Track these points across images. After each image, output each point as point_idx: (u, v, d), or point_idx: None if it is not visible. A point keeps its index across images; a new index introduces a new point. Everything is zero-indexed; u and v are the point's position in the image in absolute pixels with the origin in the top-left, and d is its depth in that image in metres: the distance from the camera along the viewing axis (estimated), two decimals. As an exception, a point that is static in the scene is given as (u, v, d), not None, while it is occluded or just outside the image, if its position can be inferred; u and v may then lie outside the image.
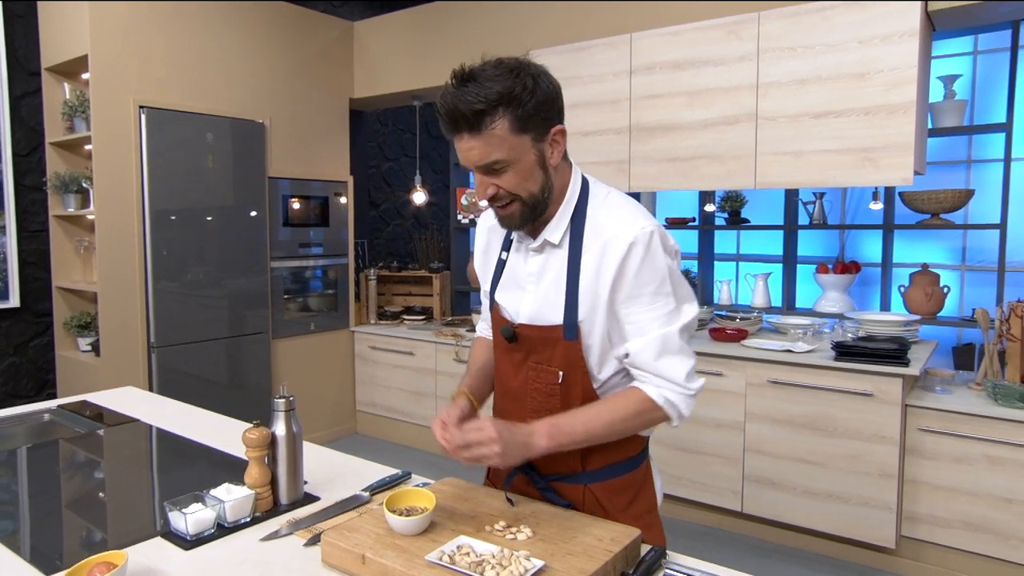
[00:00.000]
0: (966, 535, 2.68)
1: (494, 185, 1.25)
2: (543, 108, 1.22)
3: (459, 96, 1.17)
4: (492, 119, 1.17)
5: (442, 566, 1.09)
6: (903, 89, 2.65)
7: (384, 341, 4.51)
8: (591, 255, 1.29)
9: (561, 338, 1.31)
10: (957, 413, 2.65)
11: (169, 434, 1.96)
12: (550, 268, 1.33)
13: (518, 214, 1.27)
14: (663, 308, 1.27)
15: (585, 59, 3.47)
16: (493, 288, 1.45)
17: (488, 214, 1.51)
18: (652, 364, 1.27)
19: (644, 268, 1.25)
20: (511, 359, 1.41)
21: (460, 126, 1.19)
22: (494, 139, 1.19)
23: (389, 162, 5.82)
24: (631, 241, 1.25)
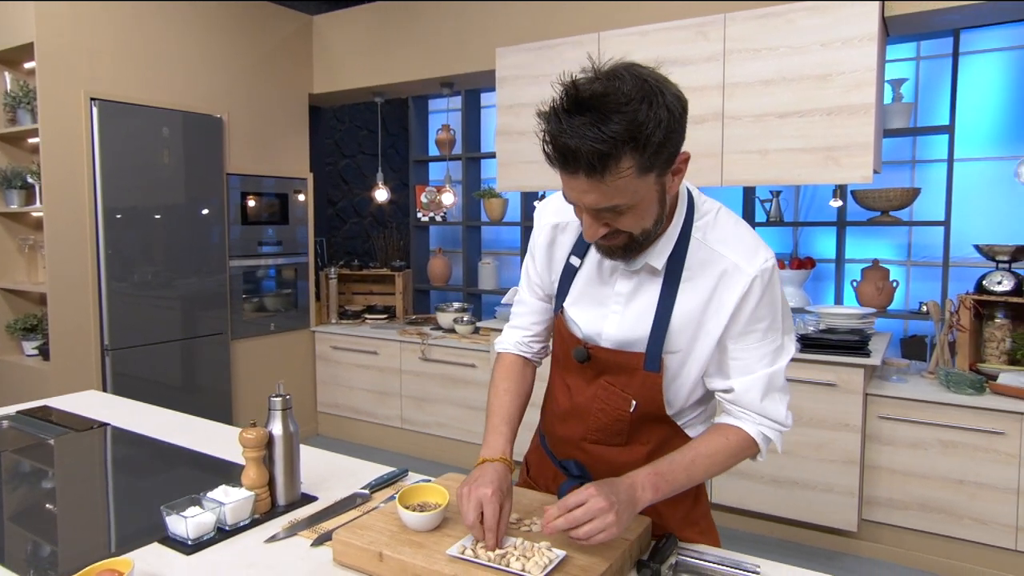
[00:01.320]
0: (921, 516, 2.81)
1: (605, 225, 1.08)
2: (672, 139, 1.01)
3: (576, 132, 0.95)
4: (618, 164, 0.97)
5: (464, 559, 1.09)
6: (863, 91, 2.76)
7: (346, 341, 4.44)
8: (699, 285, 1.17)
9: (640, 368, 1.21)
10: (913, 400, 2.78)
11: (144, 438, 1.89)
12: (643, 292, 1.20)
13: (622, 247, 1.13)
14: (771, 345, 1.20)
15: (553, 57, 3.49)
16: (562, 295, 1.30)
17: (552, 206, 1.32)
18: (758, 404, 1.20)
19: (762, 305, 1.16)
20: (581, 375, 1.29)
21: (577, 168, 0.98)
22: (618, 188, 1.00)
23: (346, 159, 5.73)
24: (754, 276, 1.14)
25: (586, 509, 1.03)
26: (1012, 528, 2.67)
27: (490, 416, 1.34)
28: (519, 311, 1.42)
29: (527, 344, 1.41)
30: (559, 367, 1.36)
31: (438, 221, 5.26)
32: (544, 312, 1.40)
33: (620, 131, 0.94)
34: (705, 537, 1.34)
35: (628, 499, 1.08)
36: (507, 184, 3.78)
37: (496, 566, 1.06)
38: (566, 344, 1.30)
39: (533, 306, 1.39)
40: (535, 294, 1.38)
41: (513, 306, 1.44)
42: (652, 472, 1.13)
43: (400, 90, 4.53)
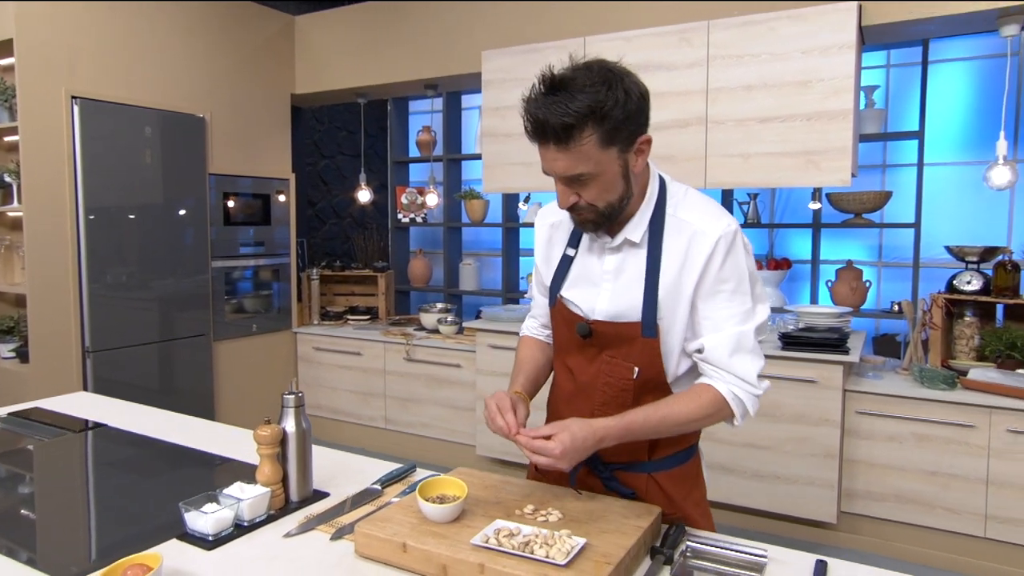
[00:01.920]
0: (897, 507, 2.91)
1: (575, 195, 1.24)
2: (632, 120, 1.19)
3: (548, 106, 1.14)
4: (581, 133, 1.14)
5: (489, 548, 1.12)
6: (841, 97, 2.86)
7: (329, 342, 4.43)
8: (673, 252, 1.29)
9: (639, 335, 1.31)
10: (889, 396, 2.89)
11: (142, 437, 1.89)
12: (628, 266, 1.33)
13: (592, 221, 1.28)
14: (740, 306, 1.28)
15: (538, 61, 3.49)
16: (558, 285, 1.42)
17: (549, 210, 1.49)
18: (726, 361, 1.27)
19: (727, 265, 1.26)
20: (583, 353, 1.40)
21: (547, 137, 1.17)
22: (581, 154, 1.17)
23: (325, 160, 5.71)
24: (718, 237, 1.26)
25: (542, 446, 1.19)
26: (982, 517, 2.78)
27: (514, 375, 1.50)
28: (534, 305, 1.60)
29: (539, 330, 1.59)
30: (559, 355, 1.47)
31: (419, 222, 5.28)
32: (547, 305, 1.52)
33: (583, 107, 1.13)
34: (705, 520, 1.41)
35: (588, 447, 1.21)
36: (492, 186, 3.82)
37: (521, 553, 1.10)
38: (566, 328, 1.41)
39: (540, 301, 1.55)
40: (539, 290, 1.54)
41: (532, 302, 1.62)
42: (622, 427, 1.24)
43: (384, 91, 4.54)
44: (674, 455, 1.40)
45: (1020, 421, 2.68)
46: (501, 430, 1.26)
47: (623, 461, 1.38)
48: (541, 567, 1.07)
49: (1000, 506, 2.74)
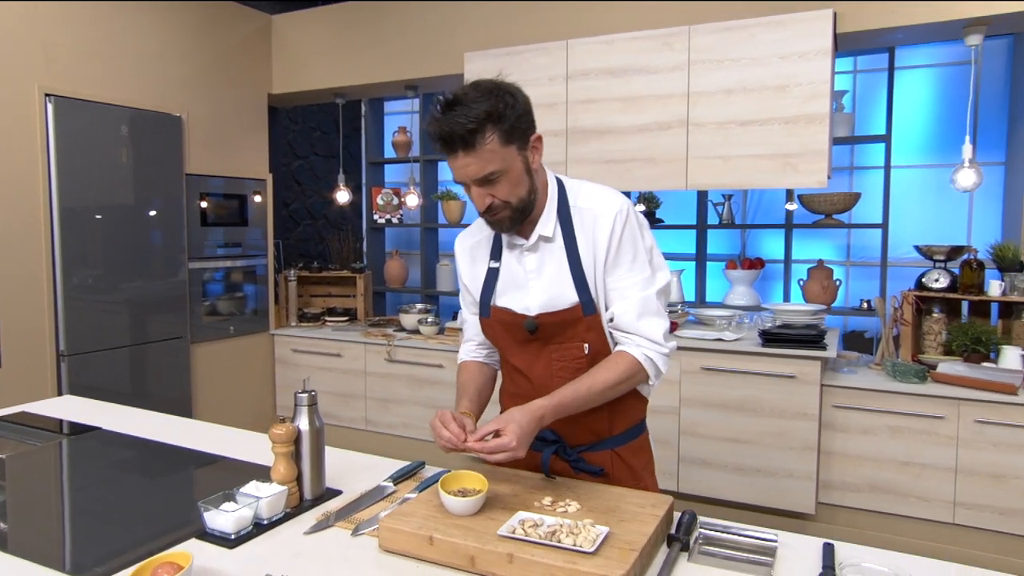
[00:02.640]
0: (872, 497, 3.03)
1: (490, 196, 1.36)
2: (523, 120, 1.35)
3: (450, 120, 1.28)
4: (483, 136, 1.29)
5: (516, 539, 1.15)
6: (818, 101, 2.96)
7: (308, 343, 4.39)
8: (585, 236, 1.43)
9: (582, 316, 1.43)
10: (864, 390, 3.00)
11: (139, 440, 1.87)
12: (548, 260, 1.46)
13: (508, 219, 1.40)
14: (640, 274, 1.43)
15: (520, 63, 3.57)
16: (489, 296, 1.52)
17: (465, 234, 1.62)
18: (634, 324, 1.41)
19: (625, 237, 1.41)
20: (527, 351, 1.51)
21: (455, 146, 1.30)
22: (486, 153, 1.30)
23: (299, 160, 5.65)
24: (614, 214, 1.40)
25: (497, 444, 1.27)
26: (951, 504, 2.91)
27: (458, 398, 1.60)
28: (466, 327, 1.68)
29: (476, 351, 1.67)
30: (505, 362, 1.57)
31: (395, 223, 5.27)
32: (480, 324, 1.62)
33: (481, 113, 1.28)
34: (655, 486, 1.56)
35: (533, 429, 1.31)
36: (475, 186, 3.83)
37: (549, 543, 1.13)
38: (507, 332, 1.51)
39: (473, 321, 1.64)
40: (470, 311, 1.64)
41: (463, 327, 1.70)
42: (556, 404, 1.35)
43: (363, 92, 4.53)
44: (630, 429, 1.52)
45: (986, 412, 2.81)
46: (449, 442, 1.32)
47: (588, 442, 1.49)
48: (569, 555, 1.10)
49: (967, 493, 2.87)
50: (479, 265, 1.57)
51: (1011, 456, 2.79)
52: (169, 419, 2.12)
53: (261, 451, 1.76)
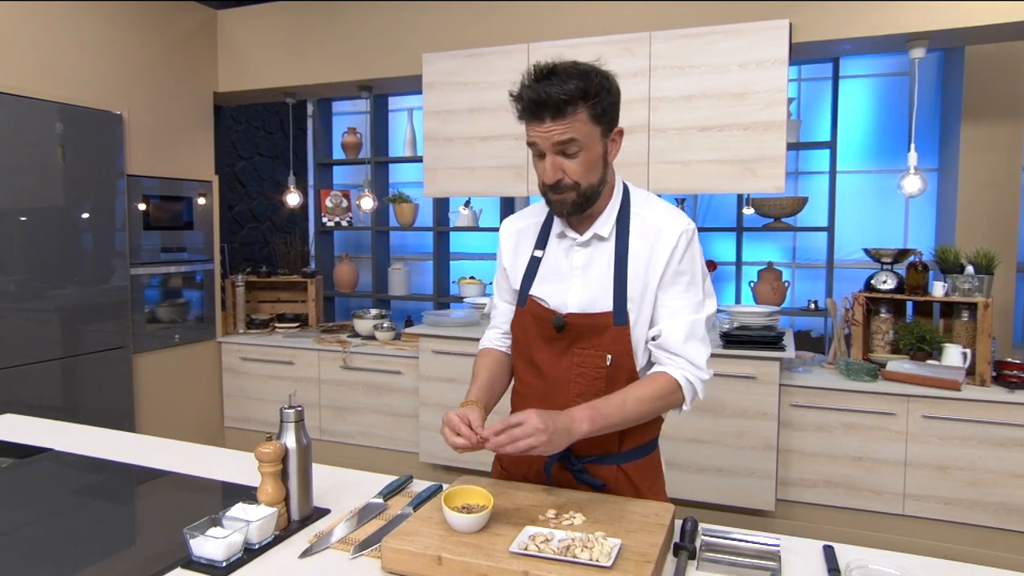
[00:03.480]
0: (828, 492, 3.13)
1: (562, 170, 1.33)
2: (612, 108, 1.34)
3: (545, 87, 1.27)
4: (575, 108, 1.28)
5: (530, 555, 1.12)
6: (775, 109, 3.04)
7: (258, 351, 4.24)
8: (640, 246, 1.40)
9: (611, 324, 1.40)
10: (820, 389, 3.10)
11: (100, 461, 1.75)
12: (597, 260, 1.43)
13: (572, 201, 1.36)
14: (693, 298, 1.40)
15: (482, 65, 3.54)
16: (528, 284, 1.49)
17: (514, 218, 1.59)
18: (680, 346, 1.38)
19: (686, 258, 1.39)
20: (552, 349, 1.46)
21: (544, 113, 1.28)
22: (575, 123, 1.29)
23: (243, 161, 5.46)
24: (680, 232, 1.38)
25: (523, 428, 1.22)
26: (900, 496, 3.03)
27: (471, 384, 1.53)
28: (495, 314, 1.65)
29: (500, 339, 1.63)
30: (525, 354, 1.51)
31: (344, 226, 5.15)
32: (511, 312, 1.58)
33: (577, 88, 1.27)
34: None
35: (564, 427, 1.25)
36: (434, 189, 3.78)
37: (564, 558, 1.10)
38: (536, 325, 1.47)
39: (503, 308, 1.62)
40: (503, 298, 1.62)
41: (492, 312, 1.67)
42: (589, 408, 1.31)
43: (314, 92, 4.40)
44: (640, 447, 1.48)
45: (932, 407, 2.94)
46: (464, 446, 1.28)
47: (595, 454, 1.45)
48: (587, 570, 1.08)
49: (916, 485, 3.00)
50: (522, 252, 1.53)
51: (954, 449, 2.93)
52: (125, 436, 2.00)
53: (234, 469, 1.68)
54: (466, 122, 3.61)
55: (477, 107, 3.58)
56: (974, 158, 3.75)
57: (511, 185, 3.55)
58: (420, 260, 5.57)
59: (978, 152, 3.74)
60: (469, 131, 3.61)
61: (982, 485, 2.91)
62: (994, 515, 2.91)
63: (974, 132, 3.74)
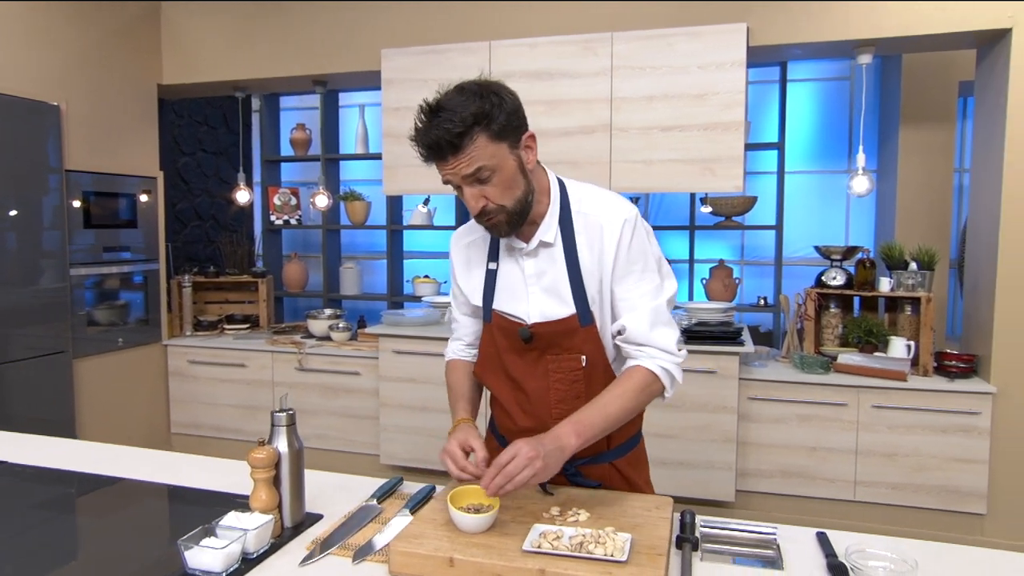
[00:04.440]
0: (783, 481, 3.24)
1: (483, 197, 1.30)
2: (512, 118, 1.30)
3: (436, 127, 1.24)
4: (471, 138, 1.24)
5: (545, 553, 1.12)
6: (734, 110, 3.13)
7: (207, 354, 4.08)
8: (586, 243, 1.39)
9: (578, 327, 1.39)
10: (776, 382, 3.20)
11: (67, 472, 1.65)
12: (548, 266, 1.42)
13: (505, 222, 1.34)
14: (650, 284, 1.39)
15: (442, 62, 3.51)
16: (490, 299, 1.48)
17: (461, 232, 1.57)
18: (647, 335, 1.37)
19: (633, 247, 1.37)
20: (524, 360, 1.46)
21: (444, 152, 1.26)
22: (476, 151, 1.25)
23: (186, 157, 5.25)
24: (623, 222, 1.36)
25: (516, 462, 1.20)
26: (852, 483, 3.17)
27: (451, 399, 1.56)
28: (455, 327, 1.65)
29: (464, 351, 1.65)
30: (498, 367, 1.49)
31: (293, 224, 5.03)
32: (474, 325, 1.61)
33: (468, 116, 1.23)
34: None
35: (555, 448, 1.25)
36: (393, 187, 3.73)
37: (579, 554, 1.10)
38: (505, 338, 1.46)
39: (463, 321, 1.62)
40: (462, 311, 1.62)
41: (453, 324, 1.66)
42: (572, 422, 1.30)
43: (266, 86, 4.27)
44: (627, 441, 1.52)
45: (881, 397, 3.08)
46: (469, 480, 1.30)
47: (587, 455, 1.44)
48: (604, 566, 1.08)
49: (866, 472, 3.14)
50: (475, 266, 1.52)
51: (901, 436, 3.08)
52: (83, 445, 1.89)
53: (210, 476, 1.61)
54: (426, 119, 3.56)
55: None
56: (911, 160, 3.95)
57: (473, 183, 3.53)
58: (372, 259, 5.48)
59: (915, 155, 3.94)
60: (429, 128, 3.57)
61: (926, 470, 3.07)
62: (937, 498, 3.07)
63: (911, 136, 3.94)
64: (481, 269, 1.50)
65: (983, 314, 3.13)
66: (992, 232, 3.03)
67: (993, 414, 3.00)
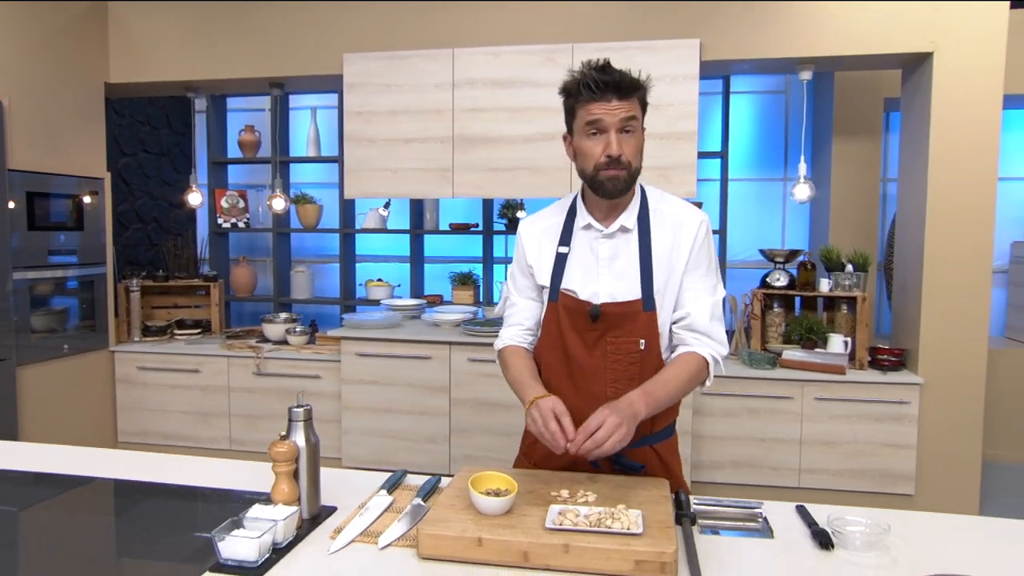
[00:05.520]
0: (734, 471, 3.43)
1: (620, 148, 1.45)
2: (646, 107, 1.52)
3: (610, 73, 1.44)
4: (635, 93, 1.45)
5: (567, 530, 1.21)
6: (688, 120, 3.31)
7: (158, 360, 3.98)
8: (663, 236, 1.53)
9: (641, 311, 1.51)
10: (728, 377, 3.39)
11: (50, 475, 1.63)
12: (623, 251, 1.54)
13: (623, 178, 1.47)
14: (711, 280, 1.56)
15: (405, 68, 3.55)
16: (559, 280, 1.58)
17: (534, 218, 1.67)
18: (707, 325, 1.52)
19: (704, 245, 1.54)
20: (584, 339, 1.55)
21: (610, 93, 1.43)
22: (635, 105, 1.46)
23: (127, 157, 5.08)
24: (701, 221, 1.54)
25: (606, 428, 1.32)
26: (796, 471, 3.39)
27: (521, 379, 1.58)
28: (512, 312, 1.70)
29: (522, 336, 1.69)
30: (557, 347, 1.58)
31: (241, 227, 4.95)
32: (534, 308, 1.67)
33: (636, 81, 1.46)
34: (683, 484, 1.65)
35: (631, 414, 1.37)
36: (354, 191, 3.74)
37: (600, 530, 1.20)
38: (570, 318, 1.55)
39: (524, 305, 1.68)
40: (524, 295, 1.68)
41: (506, 311, 1.72)
42: (643, 392, 1.42)
43: (220, 87, 4.21)
44: (667, 427, 1.63)
45: (823, 390, 3.32)
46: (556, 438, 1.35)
47: (633, 440, 1.49)
48: (622, 538, 1.18)
49: (809, 460, 3.36)
50: (546, 249, 1.61)
51: (841, 426, 3.32)
52: (50, 448, 1.86)
53: (212, 475, 1.63)
54: (389, 124, 3.61)
55: (400, 109, 3.59)
56: (843, 170, 4.25)
57: (435, 187, 3.60)
58: (323, 263, 5.44)
59: (846, 164, 4.24)
60: (392, 133, 3.62)
61: (862, 456, 3.32)
62: (872, 481, 3.33)
63: (842, 147, 4.24)
64: (551, 252, 1.59)
65: (911, 312, 3.41)
66: (919, 237, 3.32)
67: (921, 403, 3.27)
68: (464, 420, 3.57)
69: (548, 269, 1.59)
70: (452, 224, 4.75)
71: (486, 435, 3.55)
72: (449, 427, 3.60)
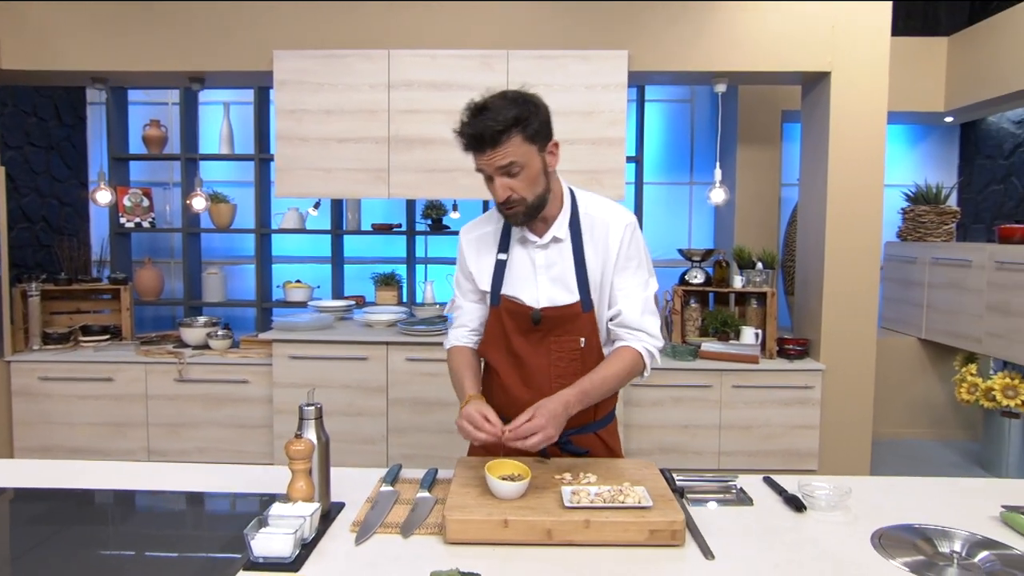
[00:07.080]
0: (662, 457, 3.65)
1: (510, 188, 1.52)
2: (543, 126, 1.54)
3: (480, 123, 1.47)
4: (508, 136, 1.47)
5: (585, 507, 1.31)
6: (617, 127, 3.49)
7: (63, 369, 3.71)
8: (593, 241, 1.63)
9: (580, 312, 1.62)
10: (653, 369, 3.60)
11: (42, 490, 1.54)
12: (558, 259, 1.64)
13: (523, 213, 1.55)
14: (642, 278, 1.66)
15: (340, 67, 3.52)
16: (499, 285, 1.67)
17: (471, 226, 1.75)
18: (639, 320, 1.63)
19: (632, 245, 1.63)
20: (529, 340, 1.65)
21: (484, 145, 1.48)
22: (511, 148, 1.48)
23: (11, 151, 4.67)
24: (625, 224, 1.63)
25: (530, 426, 1.43)
26: (716, 454, 3.66)
27: (461, 380, 1.68)
28: (459, 314, 1.80)
29: (467, 336, 1.80)
30: (502, 346, 1.69)
31: (146, 227, 4.70)
32: (478, 310, 1.78)
33: (509, 119, 1.47)
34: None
35: (563, 412, 1.48)
36: (286, 190, 3.66)
37: (614, 505, 1.31)
38: (513, 320, 1.65)
39: (469, 308, 1.78)
40: (469, 298, 1.78)
41: (454, 313, 1.82)
42: (579, 391, 1.53)
43: (131, 79, 3.98)
44: (609, 414, 1.77)
45: (739, 379, 3.60)
46: (487, 440, 1.44)
47: (577, 426, 1.65)
48: (636, 512, 1.30)
49: (728, 443, 3.64)
50: (485, 255, 1.69)
51: (755, 411, 3.62)
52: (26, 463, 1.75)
53: (181, 480, 1.61)
54: (322, 123, 3.56)
55: (335, 108, 3.55)
56: (746, 175, 4.61)
57: (371, 187, 3.59)
58: (236, 264, 5.25)
59: (749, 170, 4.61)
60: (325, 132, 3.57)
61: (774, 437, 3.63)
62: (782, 459, 3.65)
63: (746, 154, 4.60)
64: (491, 258, 1.68)
65: (812, 305, 3.77)
66: (819, 238, 3.68)
67: (822, 387, 3.63)
68: (402, 419, 3.58)
69: (488, 276, 1.69)
70: (374, 224, 4.73)
71: (424, 433, 3.59)
72: (387, 427, 3.60)
